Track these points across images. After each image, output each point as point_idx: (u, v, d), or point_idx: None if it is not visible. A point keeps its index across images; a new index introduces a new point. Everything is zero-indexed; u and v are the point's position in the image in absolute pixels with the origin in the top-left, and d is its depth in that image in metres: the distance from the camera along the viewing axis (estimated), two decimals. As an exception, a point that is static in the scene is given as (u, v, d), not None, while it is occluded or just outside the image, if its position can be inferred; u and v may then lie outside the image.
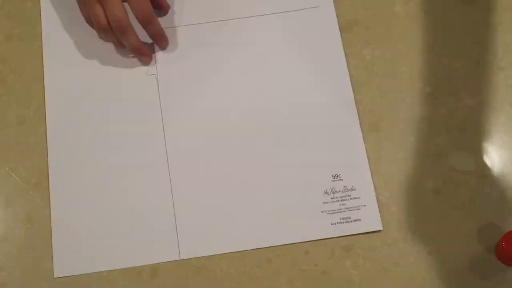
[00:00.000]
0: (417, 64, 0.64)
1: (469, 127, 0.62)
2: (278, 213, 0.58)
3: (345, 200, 0.59)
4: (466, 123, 0.62)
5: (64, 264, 0.57)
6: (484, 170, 0.61)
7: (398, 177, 0.61)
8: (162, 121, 0.61)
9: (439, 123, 0.62)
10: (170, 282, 0.58)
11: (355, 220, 0.58)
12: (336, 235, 0.58)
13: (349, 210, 0.58)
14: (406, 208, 0.60)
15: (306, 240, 0.58)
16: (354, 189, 0.59)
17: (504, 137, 0.62)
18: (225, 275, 0.58)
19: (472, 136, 0.62)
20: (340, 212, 0.58)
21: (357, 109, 0.63)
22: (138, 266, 0.58)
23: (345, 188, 0.59)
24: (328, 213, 0.58)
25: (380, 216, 0.59)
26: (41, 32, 0.65)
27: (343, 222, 0.58)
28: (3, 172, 0.61)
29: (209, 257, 0.58)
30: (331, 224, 0.58)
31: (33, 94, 0.63)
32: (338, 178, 0.59)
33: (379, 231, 0.58)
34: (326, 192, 0.59)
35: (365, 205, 0.59)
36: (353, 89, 0.63)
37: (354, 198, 0.59)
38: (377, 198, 0.60)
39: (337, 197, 0.59)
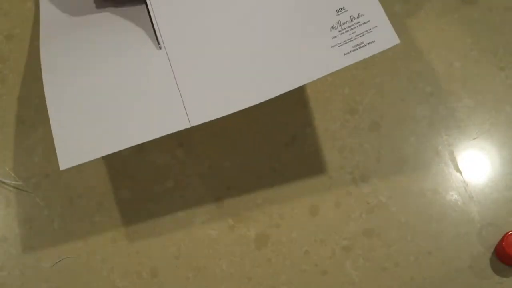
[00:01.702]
0: (416, 64, 0.64)
1: (469, 127, 0.62)
2: (287, 57, 0.56)
3: (355, 28, 0.56)
4: (466, 123, 0.62)
5: (68, 155, 0.53)
6: (484, 170, 0.61)
7: (398, 177, 0.61)
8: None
9: (439, 123, 0.62)
10: (170, 282, 0.58)
11: (369, 43, 0.55)
12: (352, 62, 0.55)
13: (360, 36, 0.55)
14: (406, 208, 0.60)
15: (324, 75, 0.55)
16: (361, 15, 0.56)
17: (504, 137, 0.62)
18: (225, 275, 0.58)
19: (471, 136, 0.62)
20: (352, 40, 0.56)
21: (357, 109, 0.63)
22: (138, 266, 0.58)
23: (351, 17, 0.56)
24: (339, 46, 0.55)
25: (380, 216, 0.59)
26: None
27: (357, 49, 0.56)
28: (3, 172, 0.61)
29: (209, 257, 0.58)
30: (345, 54, 0.55)
31: (33, 94, 0.64)
32: (342, 10, 0.57)
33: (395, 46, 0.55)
34: (333, 27, 0.56)
35: (376, 26, 0.55)
36: (353, 89, 0.64)
37: (364, 23, 0.56)
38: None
39: (345, 28, 0.56)
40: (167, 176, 0.61)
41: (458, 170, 0.61)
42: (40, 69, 0.65)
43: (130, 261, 0.59)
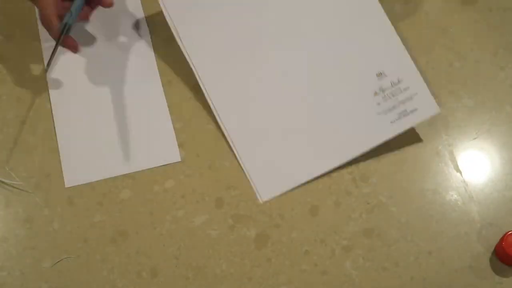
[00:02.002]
0: (417, 64, 0.64)
1: (469, 127, 0.62)
2: (338, 129, 0.59)
3: (397, 94, 0.57)
4: (466, 123, 0.62)
5: (73, 175, 0.60)
6: (484, 170, 0.61)
7: (398, 177, 0.61)
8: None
9: (439, 123, 0.62)
10: (170, 282, 0.58)
11: (412, 111, 0.57)
12: (400, 132, 0.57)
13: (403, 103, 0.57)
14: (406, 208, 0.60)
15: (374, 146, 0.58)
16: (401, 81, 0.58)
17: (504, 137, 0.62)
18: (225, 275, 0.58)
19: (471, 136, 0.62)
20: (395, 108, 0.57)
21: (357, 109, 0.63)
22: (138, 266, 0.58)
23: (392, 83, 0.58)
24: (385, 113, 0.57)
25: (380, 216, 0.59)
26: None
27: (402, 117, 0.57)
28: (3, 172, 0.61)
29: (209, 257, 0.58)
30: (391, 122, 0.57)
31: (33, 94, 0.63)
32: (382, 75, 0.58)
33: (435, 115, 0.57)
34: (376, 93, 0.58)
35: (416, 93, 0.58)
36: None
37: (404, 89, 0.57)
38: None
39: (387, 95, 0.57)
40: (167, 176, 0.61)
41: (458, 170, 0.61)
42: (40, 69, 0.65)
43: (130, 261, 0.59)
